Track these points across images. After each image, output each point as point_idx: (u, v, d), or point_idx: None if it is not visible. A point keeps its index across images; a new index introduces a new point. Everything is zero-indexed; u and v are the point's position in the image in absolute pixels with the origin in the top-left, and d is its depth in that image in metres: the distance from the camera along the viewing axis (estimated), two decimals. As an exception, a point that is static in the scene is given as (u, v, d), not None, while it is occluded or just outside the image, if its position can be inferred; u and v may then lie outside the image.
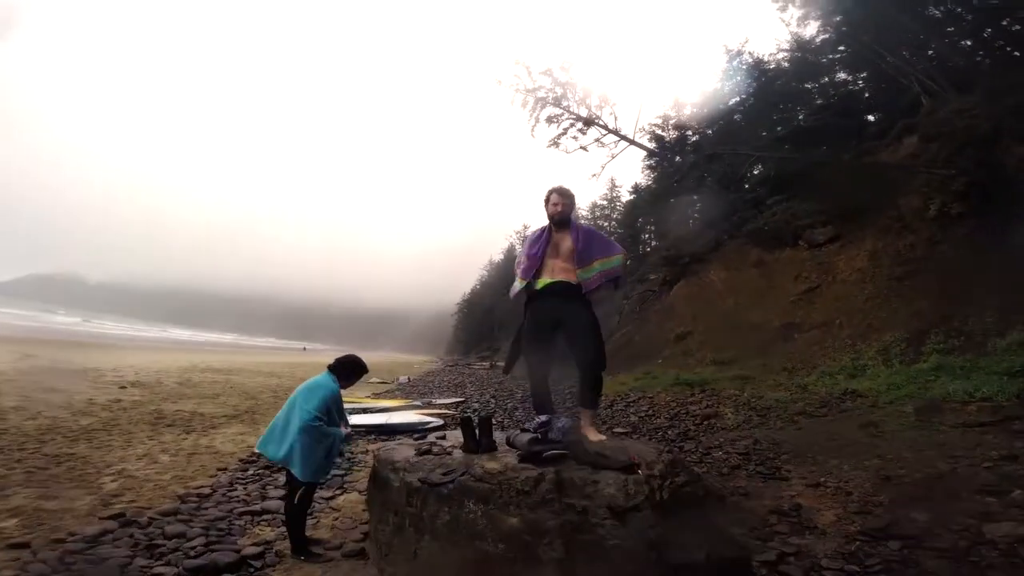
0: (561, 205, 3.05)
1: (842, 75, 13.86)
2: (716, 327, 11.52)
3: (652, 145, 18.05)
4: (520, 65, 15.57)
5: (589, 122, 16.30)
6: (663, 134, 18.11)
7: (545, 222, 3.13)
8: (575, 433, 2.39)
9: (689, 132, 17.00)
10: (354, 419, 5.60)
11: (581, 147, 15.99)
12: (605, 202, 34.74)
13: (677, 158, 17.12)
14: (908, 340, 7.26)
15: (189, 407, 7.05)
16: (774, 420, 4.58)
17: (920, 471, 2.80)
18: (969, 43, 11.17)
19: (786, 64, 14.55)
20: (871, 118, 13.96)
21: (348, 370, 2.88)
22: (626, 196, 30.46)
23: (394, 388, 11.08)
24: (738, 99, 15.62)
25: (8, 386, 7.57)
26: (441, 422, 5.42)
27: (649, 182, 22.72)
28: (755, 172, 15.44)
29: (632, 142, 16.93)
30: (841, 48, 13.03)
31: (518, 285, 3.10)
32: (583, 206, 34.97)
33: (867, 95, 13.76)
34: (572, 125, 16.33)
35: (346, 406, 6.81)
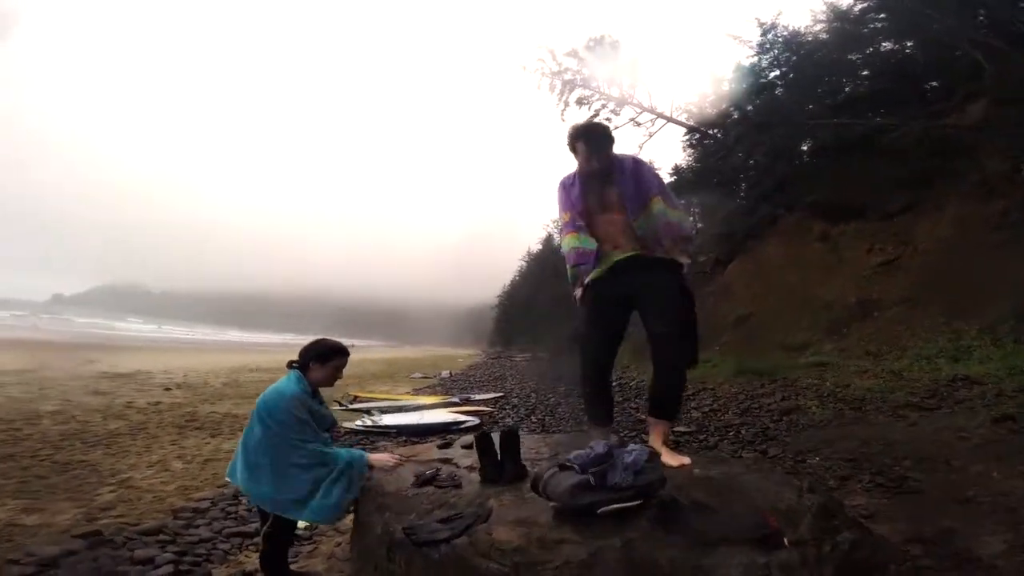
0: (596, 158, 2.31)
1: (887, 44, 12.53)
2: (780, 307, 10.54)
3: (692, 122, 16.99)
4: (543, 48, 14.91)
5: (622, 101, 15.46)
6: (703, 110, 16.99)
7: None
8: (654, 470, 1.46)
9: (730, 107, 15.92)
10: (386, 419, 5.20)
11: (615, 128, 15.15)
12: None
13: (718, 133, 16.04)
14: (1017, 316, 6.23)
15: (225, 408, 6.85)
16: (874, 414, 3.80)
17: (1111, 482, 2.07)
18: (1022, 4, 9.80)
19: (825, 35, 13.27)
20: (927, 86, 12.61)
21: (313, 359, 2.18)
22: (666, 178, 29.09)
23: (435, 383, 10.72)
24: (777, 73, 14.41)
25: (56, 390, 7.65)
26: (476, 421, 4.92)
27: (691, 160, 21.59)
28: (804, 147, 14.23)
29: (670, 119, 15.92)
30: (883, 16, 11.76)
31: (589, 267, 2.31)
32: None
33: (919, 63, 12.41)
34: (604, 106, 15.51)
35: (383, 403, 6.42)
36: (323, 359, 2.20)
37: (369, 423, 4.91)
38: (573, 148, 2.42)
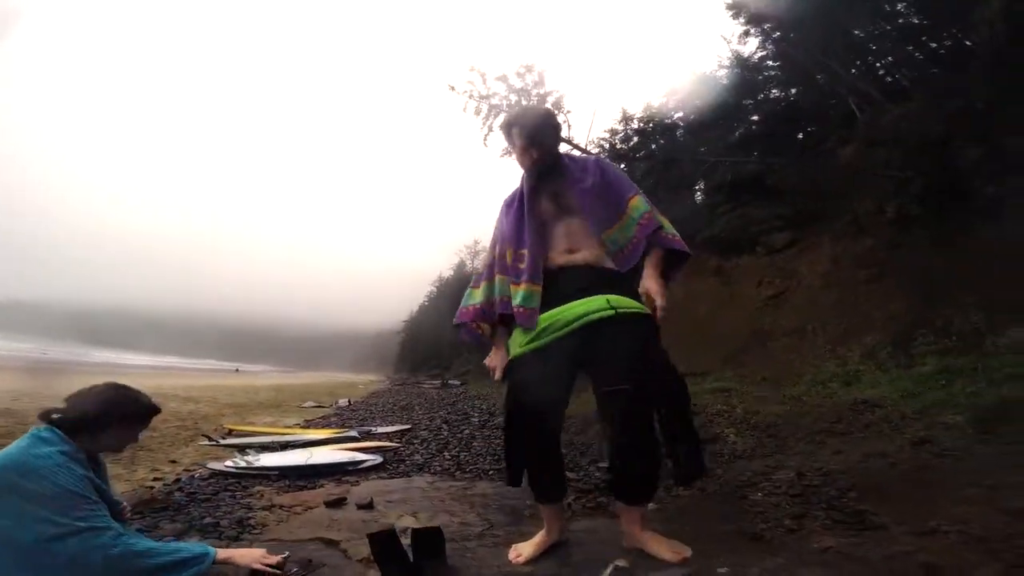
0: (537, 148, 1.90)
1: (775, 91, 14.02)
2: (681, 337, 10.90)
3: (604, 156, 17.68)
4: (475, 71, 14.81)
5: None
6: (612, 143, 17.77)
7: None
8: None
9: (635, 142, 16.77)
10: (265, 458, 4.36)
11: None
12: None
13: (625, 169, 16.84)
14: (894, 343, 6.83)
15: None
16: (793, 442, 3.75)
17: (1054, 500, 2.04)
18: (891, 59, 11.49)
19: (725, 81, 14.60)
20: (808, 130, 14.21)
21: (86, 420, 1.47)
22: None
23: (331, 413, 9.68)
24: (681, 114, 15.54)
25: None
26: (379, 459, 4.25)
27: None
28: (700, 185, 15.30)
29: (584, 151, 16.44)
30: (776, 64, 13.20)
31: (518, 295, 1.85)
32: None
33: (801, 108, 14.04)
34: (525, 133, 15.67)
35: (265, 439, 5.48)
36: (108, 420, 1.51)
37: (243, 464, 4.06)
38: (509, 139, 2.02)
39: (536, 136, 1.92)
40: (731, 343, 9.87)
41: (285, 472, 4.01)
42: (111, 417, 1.51)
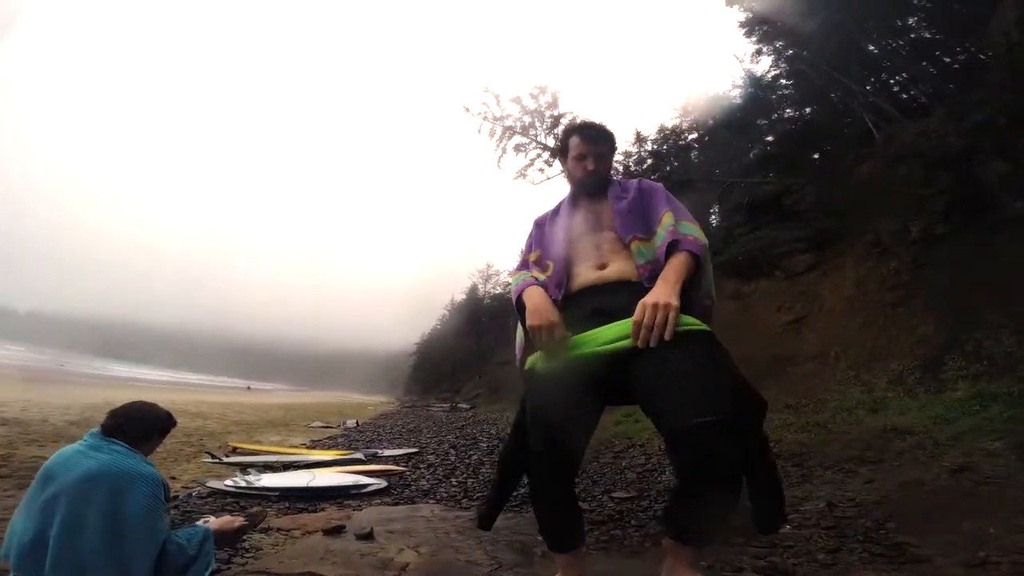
0: (593, 160, 1.86)
1: (789, 111, 13.90)
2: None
3: (617, 178, 17.67)
4: (489, 93, 14.97)
5: (556, 152, 15.80)
6: (627, 165, 17.77)
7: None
8: None
9: (649, 164, 16.74)
10: (267, 479, 4.23)
11: (548, 178, 15.37)
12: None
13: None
14: (922, 368, 6.53)
15: (48, 453, 5.40)
16: (820, 471, 3.53)
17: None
18: (905, 75, 11.28)
19: (739, 100, 14.51)
20: (824, 149, 14.00)
21: (140, 431, 1.66)
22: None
23: (338, 434, 9.53)
24: (695, 135, 15.50)
25: None
26: (383, 483, 4.09)
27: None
28: (715, 207, 15.14)
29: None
30: (790, 82, 13.12)
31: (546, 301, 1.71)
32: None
33: (817, 127, 13.82)
34: (539, 156, 15.75)
35: (268, 459, 5.35)
36: (151, 430, 1.76)
37: (243, 483, 3.93)
38: (564, 149, 1.94)
39: (595, 147, 1.89)
40: (750, 369, 9.50)
41: (286, 494, 3.87)
42: (155, 430, 1.74)
